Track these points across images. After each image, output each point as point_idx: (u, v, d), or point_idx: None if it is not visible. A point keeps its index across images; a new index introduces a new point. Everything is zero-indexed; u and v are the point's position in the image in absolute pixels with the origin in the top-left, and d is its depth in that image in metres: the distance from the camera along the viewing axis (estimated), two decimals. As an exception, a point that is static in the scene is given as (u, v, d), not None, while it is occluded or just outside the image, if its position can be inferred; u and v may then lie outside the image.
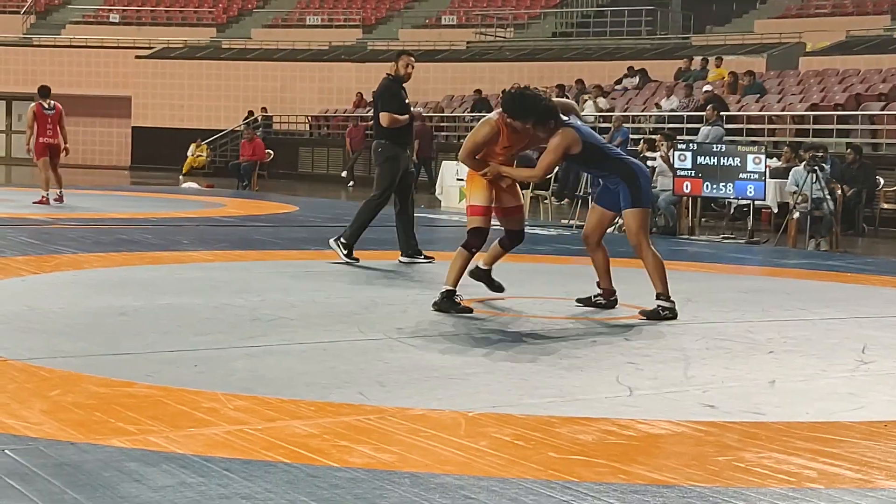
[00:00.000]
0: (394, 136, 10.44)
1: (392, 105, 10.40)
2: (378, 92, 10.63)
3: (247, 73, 35.26)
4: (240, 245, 11.74)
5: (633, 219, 7.64)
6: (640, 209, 7.61)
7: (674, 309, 7.54)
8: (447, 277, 7.56)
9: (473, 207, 7.70)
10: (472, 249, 7.64)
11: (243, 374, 5.29)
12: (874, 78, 23.01)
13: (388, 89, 10.49)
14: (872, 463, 4.11)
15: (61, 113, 16.98)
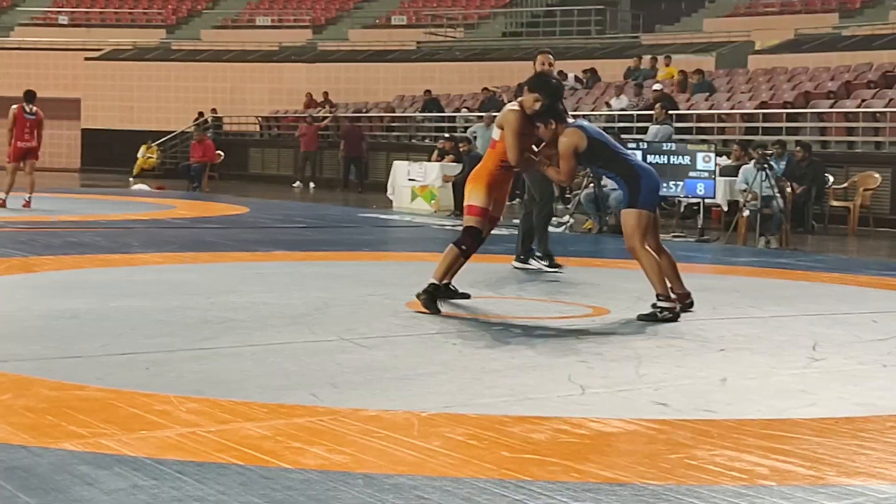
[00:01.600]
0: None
1: None
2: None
3: (196, 74, 35.08)
4: (191, 247, 11.67)
5: (628, 219, 7.64)
6: (636, 210, 7.61)
7: (673, 310, 7.48)
8: (435, 272, 7.64)
9: (472, 207, 7.80)
10: (462, 247, 7.71)
11: (195, 377, 5.26)
12: (823, 76, 23.24)
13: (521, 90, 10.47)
14: (824, 459, 4.14)
15: (41, 119, 16.91)
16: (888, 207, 18.36)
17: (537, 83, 7.82)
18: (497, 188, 7.83)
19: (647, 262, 7.57)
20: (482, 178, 7.81)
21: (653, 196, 7.67)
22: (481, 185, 7.78)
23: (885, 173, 18.23)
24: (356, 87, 33.19)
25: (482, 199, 7.75)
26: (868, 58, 24.19)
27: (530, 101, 7.69)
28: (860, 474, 3.97)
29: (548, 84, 7.82)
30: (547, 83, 7.84)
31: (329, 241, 13.21)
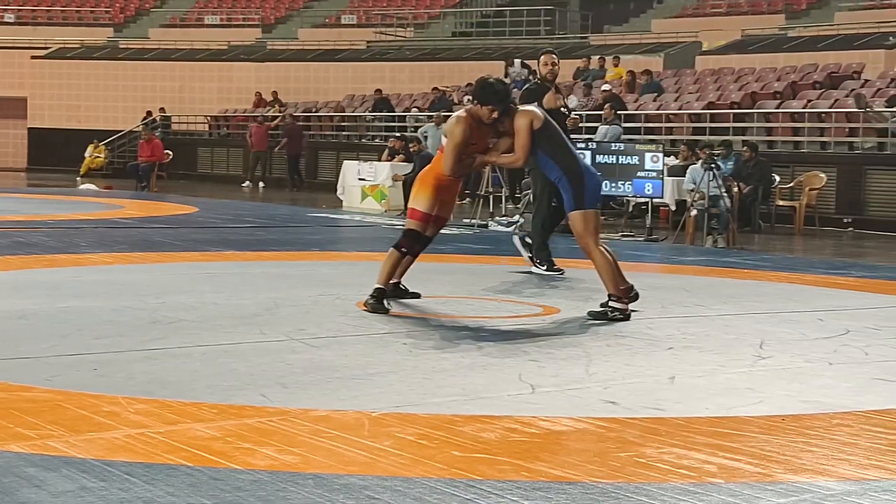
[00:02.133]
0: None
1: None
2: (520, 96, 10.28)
3: (145, 73, 34.83)
4: (139, 247, 11.58)
5: (578, 221, 7.64)
6: (584, 211, 7.62)
7: (625, 311, 7.49)
8: (378, 276, 7.63)
9: (415, 211, 7.78)
10: (401, 249, 7.72)
11: (144, 378, 5.22)
12: (769, 76, 23.46)
13: (530, 91, 10.25)
14: (771, 457, 4.18)
15: None
16: (833, 207, 18.58)
17: (484, 96, 7.53)
18: (444, 191, 7.82)
19: (601, 261, 7.59)
20: (429, 182, 7.79)
21: (596, 195, 7.71)
22: (427, 188, 7.76)
23: (830, 173, 18.44)
24: (306, 86, 33.11)
25: (425, 204, 7.74)
26: (814, 58, 24.47)
27: (486, 114, 7.55)
28: (807, 471, 4.02)
29: (495, 93, 7.55)
30: (495, 93, 7.55)
31: (279, 240, 13.16)
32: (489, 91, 7.54)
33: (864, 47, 25.16)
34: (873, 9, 28.28)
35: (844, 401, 5.18)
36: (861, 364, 6.15)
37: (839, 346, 6.72)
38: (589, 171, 7.78)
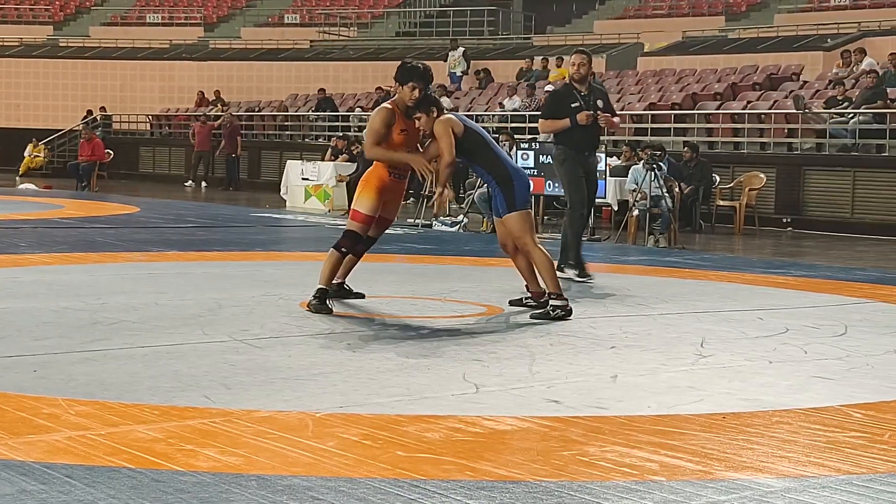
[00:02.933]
0: (562, 141, 9.98)
1: (547, 110, 10.17)
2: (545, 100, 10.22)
3: (85, 71, 34.48)
4: (80, 247, 11.46)
5: (514, 223, 7.67)
6: (518, 212, 7.65)
7: (566, 307, 7.53)
8: (320, 277, 7.61)
9: (357, 213, 7.76)
10: (341, 249, 7.70)
11: (84, 379, 5.17)
12: (710, 78, 23.68)
13: (553, 94, 10.21)
14: (712, 454, 4.22)
15: None
16: (773, 207, 18.78)
17: (405, 72, 7.66)
18: (388, 192, 7.81)
19: (541, 260, 7.62)
20: (372, 184, 7.76)
21: (526, 195, 7.74)
22: (370, 190, 7.74)
23: (769, 173, 18.64)
24: (249, 85, 32.94)
25: (368, 206, 7.72)
26: (753, 60, 24.73)
27: (408, 93, 7.60)
28: (747, 468, 4.06)
29: (415, 68, 7.69)
30: (414, 68, 7.70)
31: (222, 241, 13.08)
32: (407, 69, 7.71)
33: (802, 49, 25.47)
34: (812, 11, 28.62)
35: (784, 399, 5.24)
36: (800, 362, 6.23)
37: (779, 344, 6.79)
38: (517, 173, 7.80)
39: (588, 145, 9.96)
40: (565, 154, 9.94)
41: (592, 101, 9.90)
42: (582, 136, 9.84)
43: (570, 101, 9.88)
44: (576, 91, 9.90)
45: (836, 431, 4.63)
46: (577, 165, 9.89)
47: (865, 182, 18.09)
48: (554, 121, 9.95)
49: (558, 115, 9.91)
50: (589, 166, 10.02)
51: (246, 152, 28.09)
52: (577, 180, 9.90)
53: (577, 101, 9.84)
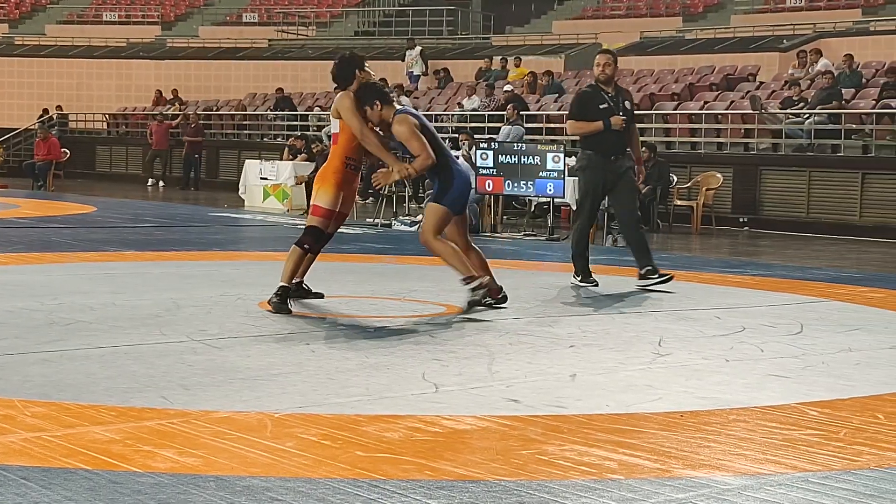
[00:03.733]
0: (590, 145, 9.57)
1: (577, 111, 9.69)
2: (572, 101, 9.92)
3: (41, 70, 34.19)
4: (36, 247, 11.37)
5: (430, 212, 7.70)
6: (442, 207, 7.67)
7: (482, 285, 7.58)
8: (282, 275, 7.61)
9: (317, 208, 7.76)
10: (304, 247, 7.71)
11: (40, 380, 5.13)
12: (667, 78, 23.80)
13: (580, 95, 9.84)
14: (670, 452, 4.25)
15: None
16: (730, 206, 18.91)
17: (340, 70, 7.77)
18: (345, 186, 7.82)
19: (443, 250, 7.66)
20: (329, 178, 7.77)
21: (462, 200, 7.75)
22: (329, 184, 7.75)
23: (726, 173, 18.78)
24: (207, 84, 32.78)
25: (328, 200, 7.73)
26: (710, 60, 24.89)
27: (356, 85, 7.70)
28: (704, 466, 4.09)
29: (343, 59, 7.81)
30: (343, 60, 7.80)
31: (179, 240, 13.01)
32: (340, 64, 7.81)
33: (759, 50, 25.66)
34: (768, 12, 28.85)
35: (741, 397, 5.28)
36: (757, 361, 6.28)
37: (735, 343, 6.84)
38: (460, 176, 7.78)
39: (616, 148, 9.54)
40: (588, 160, 9.57)
41: (620, 103, 9.56)
42: (611, 139, 9.47)
43: (597, 102, 9.50)
44: (603, 92, 9.53)
45: (792, 429, 4.67)
46: (600, 173, 9.48)
47: (821, 182, 18.26)
48: (587, 123, 9.50)
49: (587, 117, 9.50)
50: (616, 170, 9.52)
51: (204, 151, 27.97)
52: (591, 195, 9.59)
53: (605, 103, 9.47)
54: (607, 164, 9.47)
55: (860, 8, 27.44)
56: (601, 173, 9.48)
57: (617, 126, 9.36)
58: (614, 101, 9.51)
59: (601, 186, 9.54)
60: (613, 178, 9.49)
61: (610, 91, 9.55)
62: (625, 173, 9.54)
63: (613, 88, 9.61)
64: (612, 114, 9.42)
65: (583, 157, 9.67)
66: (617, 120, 9.36)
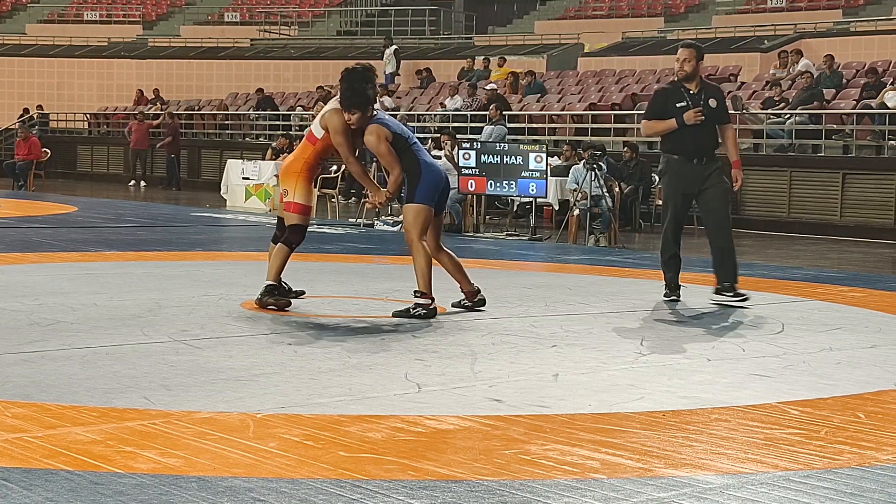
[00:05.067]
0: (668, 147, 8.82)
1: (650, 110, 8.94)
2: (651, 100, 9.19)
3: (21, 69, 34.05)
4: (16, 247, 11.32)
5: (408, 213, 7.71)
6: (415, 205, 7.66)
7: (428, 306, 7.47)
8: (268, 273, 7.64)
9: (295, 205, 7.77)
10: (292, 245, 7.75)
11: (21, 381, 5.11)
12: (649, 78, 23.85)
13: (657, 92, 9.11)
14: (652, 452, 4.26)
15: None
16: (711, 206, 18.93)
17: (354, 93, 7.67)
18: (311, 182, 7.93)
19: (420, 257, 7.62)
20: (302, 174, 7.78)
21: (431, 193, 7.70)
22: (302, 180, 7.77)
23: (708, 173, 18.80)
24: (188, 84, 32.71)
25: (304, 196, 7.78)
26: (693, 61, 24.91)
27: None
28: (686, 465, 4.10)
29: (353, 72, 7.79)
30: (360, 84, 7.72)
31: (161, 240, 12.98)
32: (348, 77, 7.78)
33: (740, 50, 25.73)
34: (749, 13, 28.94)
35: (722, 396, 5.30)
36: (738, 360, 6.29)
37: (717, 342, 6.86)
38: (429, 169, 7.73)
39: (699, 151, 8.69)
40: (667, 164, 8.83)
41: (704, 101, 8.70)
42: (691, 140, 8.66)
43: (675, 100, 8.72)
44: (683, 89, 8.72)
45: (773, 428, 4.69)
46: (682, 179, 8.72)
47: (802, 182, 18.32)
48: (657, 121, 8.80)
49: (662, 115, 8.76)
50: (701, 174, 8.71)
51: (186, 151, 27.91)
52: (674, 204, 8.81)
53: (683, 101, 8.68)
54: (689, 168, 8.69)
55: (841, 9, 27.56)
56: (681, 178, 8.73)
57: (690, 122, 8.57)
58: (695, 98, 8.70)
59: (681, 193, 8.77)
60: (698, 182, 8.70)
61: (692, 88, 8.73)
62: (711, 177, 8.73)
63: (697, 85, 8.76)
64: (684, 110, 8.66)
65: (662, 161, 8.94)
66: (690, 115, 8.56)
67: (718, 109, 8.77)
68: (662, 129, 8.78)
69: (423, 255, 7.62)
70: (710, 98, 8.73)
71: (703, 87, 8.82)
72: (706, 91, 8.80)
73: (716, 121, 8.79)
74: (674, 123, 8.65)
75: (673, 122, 8.66)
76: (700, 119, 8.60)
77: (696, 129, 8.63)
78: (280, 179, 8.01)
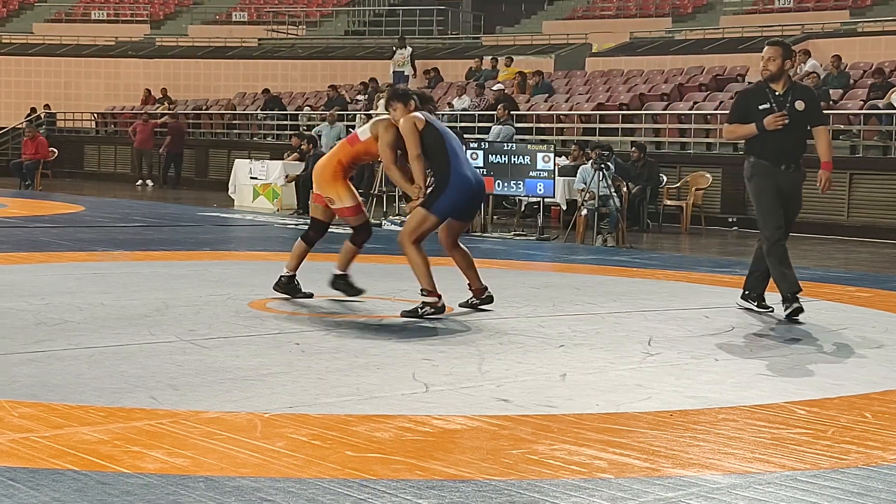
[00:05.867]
0: (753, 151, 8.13)
1: (732, 113, 8.33)
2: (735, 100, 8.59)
3: (28, 68, 34.09)
4: (23, 247, 11.34)
5: (413, 216, 7.70)
6: (427, 213, 7.65)
7: (436, 304, 7.47)
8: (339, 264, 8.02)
9: (348, 209, 8.01)
10: (361, 245, 8.18)
11: (28, 381, 5.12)
12: (657, 78, 23.83)
13: (740, 94, 8.64)
14: (659, 452, 4.25)
15: None
16: (719, 206, 18.95)
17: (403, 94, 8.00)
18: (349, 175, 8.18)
19: (414, 258, 7.60)
20: (338, 179, 7.98)
21: (449, 208, 7.65)
22: (341, 185, 7.99)
23: (715, 173, 18.80)
24: (196, 83, 32.74)
25: (351, 197, 8.02)
26: (700, 61, 24.92)
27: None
28: (693, 465, 4.09)
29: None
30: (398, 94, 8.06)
31: (169, 240, 12.99)
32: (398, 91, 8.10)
33: (748, 50, 25.67)
34: (757, 13, 28.90)
35: (730, 396, 5.29)
36: (746, 360, 6.29)
37: (724, 342, 6.85)
38: (458, 181, 7.65)
39: (784, 157, 8.04)
40: (754, 169, 8.11)
41: (790, 102, 8.02)
42: (776, 144, 8.00)
43: (758, 101, 8.09)
44: (768, 90, 8.07)
45: (780, 428, 4.68)
46: (770, 182, 8.06)
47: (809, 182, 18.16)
48: (738, 126, 8.17)
49: (745, 118, 8.12)
50: (788, 182, 8.11)
51: (193, 151, 27.94)
52: (766, 203, 8.08)
53: (766, 102, 8.03)
54: (777, 174, 8.06)
55: (848, 9, 27.51)
56: (770, 178, 8.05)
57: (771, 126, 7.90)
58: (780, 100, 8.02)
59: (773, 192, 8.06)
60: (786, 189, 8.11)
61: (778, 89, 8.05)
62: (796, 188, 8.19)
63: (784, 86, 8.08)
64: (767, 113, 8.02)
65: (747, 167, 8.18)
66: (770, 119, 7.90)
67: (807, 111, 8.07)
68: (743, 135, 8.20)
69: (416, 253, 7.60)
70: (797, 100, 8.03)
71: (792, 87, 8.13)
72: (794, 92, 8.10)
73: (804, 124, 8.11)
74: (754, 129, 8.02)
75: (753, 128, 8.02)
76: (781, 123, 7.93)
77: (779, 133, 7.96)
78: (319, 187, 8.10)
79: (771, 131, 7.96)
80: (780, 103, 8.02)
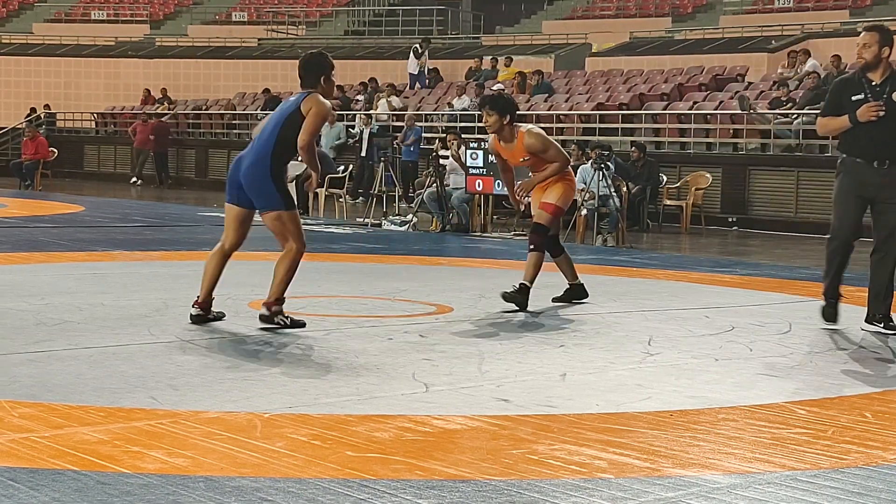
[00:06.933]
0: (844, 146, 7.55)
1: (825, 105, 7.70)
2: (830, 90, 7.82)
3: (28, 68, 34.08)
4: (23, 247, 11.33)
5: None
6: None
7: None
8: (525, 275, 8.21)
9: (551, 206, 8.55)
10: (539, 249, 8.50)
11: (28, 381, 5.11)
12: (657, 78, 23.83)
13: (835, 84, 7.79)
14: (660, 451, 4.25)
15: None
16: (719, 206, 18.95)
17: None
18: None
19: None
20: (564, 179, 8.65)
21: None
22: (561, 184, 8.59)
23: (715, 173, 18.81)
24: (196, 83, 32.73)
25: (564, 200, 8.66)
26: (699, 61, 24.92)
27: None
28: (694, 465, 4.09)
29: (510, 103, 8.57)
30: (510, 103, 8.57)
31: (169, 240, 12.98)
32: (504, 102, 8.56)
33: (747, 50, 25.70)
34: (756, 13, 28.90)
35: (730, 396, 5.29)
36: (746, 360, 6.29)
37: (725, 342, 6.85)
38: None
39: (878, 152, 7.34)
40: (844, 165, 7.49)
41: (888, 93, 7.33)
42: (866, 138, 7.33)
43: (852, 92, 7.41)
44: (864, 80, 7.39)
45: (780, 428, 4.68)
46: (856, 182, 7.41)
47: (809, 182, 18.29)
48: (831, 118, 7.52)
49: (838, 111, 7.47)
50: (881, 179, 7.37)
51: (193, 151, 27.93)
52: (840, 202, 7.52)
53: (860, 93, 7.36)
54: (867, 171, 7.38)
55: (848, 9, 27.51)
56: (855, 179, 7.42)
57: (864, 118, 7.24)
58: (878, 90, 7.34)
59: (853, 196, 7.44)
60: (874, 189, 7.38)
61: (875, 79, 7.38)
62: (889, 187, 7.38)
63: (883, 75, 7.39)
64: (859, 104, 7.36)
65: (840, 163, 7.57)
66: (864, 110, 7.25)
67: None
68: (835, 129, 7.53)
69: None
70: (893, 91, 7.32)
71: (891, 76, 7.39)
72: (894, 82, 7.38)
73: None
74: (846, 121, 7.37)
75: (846, 120, 7.37)
76: (876, 114, 7.24)
77: (874, 126, 7.28)
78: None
79: (864, 124, 7.29)
80: (877, 94, 7.34)
